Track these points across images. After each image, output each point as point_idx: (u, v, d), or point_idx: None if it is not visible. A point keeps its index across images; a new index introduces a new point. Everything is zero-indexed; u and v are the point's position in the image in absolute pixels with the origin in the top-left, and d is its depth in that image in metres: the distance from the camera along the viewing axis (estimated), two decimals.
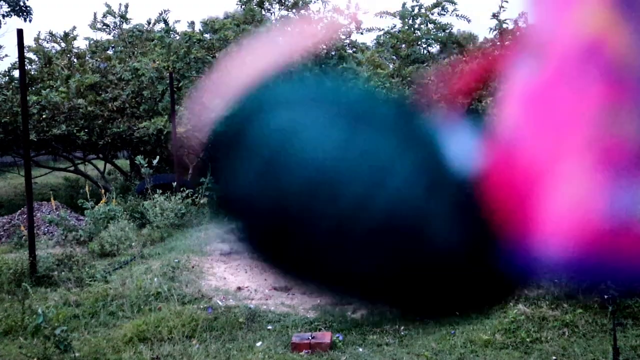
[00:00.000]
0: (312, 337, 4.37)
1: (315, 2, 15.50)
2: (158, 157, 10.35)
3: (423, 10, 12.65)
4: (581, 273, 0.33)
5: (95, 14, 14.99)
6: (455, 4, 12.46)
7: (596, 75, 0.35)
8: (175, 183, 9.49)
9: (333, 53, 12.80)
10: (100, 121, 12.08)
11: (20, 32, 6.35)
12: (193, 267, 6.24)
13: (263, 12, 12.56)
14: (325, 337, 4.41)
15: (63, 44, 14.17)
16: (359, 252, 0.71)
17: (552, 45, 0.37)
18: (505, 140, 0.41)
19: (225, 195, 1.03)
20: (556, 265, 0.35)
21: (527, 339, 4.36)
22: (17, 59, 6.88)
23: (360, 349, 4.37)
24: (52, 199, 9.47)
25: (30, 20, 16.77)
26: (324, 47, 12.82)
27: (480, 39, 14.54)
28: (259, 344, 4.48)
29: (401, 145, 0.67)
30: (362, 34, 13.26)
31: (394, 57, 13.13)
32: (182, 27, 21.61)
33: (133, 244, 7.42)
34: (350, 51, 13.17)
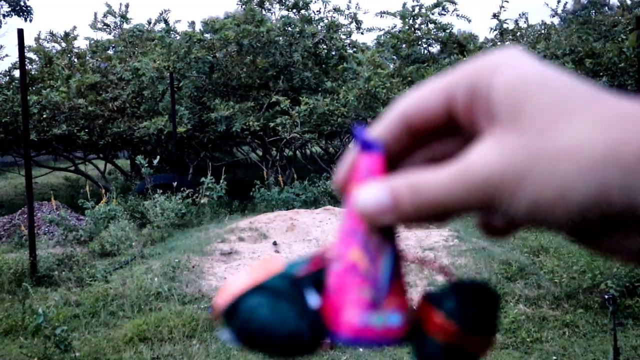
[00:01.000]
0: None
1: (315, 2, 15.49)
2: (158, 157, 10.35)
3: (423, 10, 12.65)
4: None
5: (95, 14, 15.04)
6: (455, 4, 12.46)
7: None
8: (176, 183, 9.49)
9: (333, 53, 12.80)
10: (100, 121, 12.08)
11: (20, 32, 6.35)
12: (193, 267, 6.23)
13: (263, 12, 12.55)
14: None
15: (63, 44, 14.18)
16: None
17: None
18: None
19: None
20: None
21: (528, 339, 4.35)
22: (17, 59, 6.88)
23: (361, 349, 4.37)
24: (52, 198, 9.47)
25: (30, 20, 16.79)
26: (325, 47, 12.83)
27: (481, 39, 14.55)
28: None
29: None
30: (362, 34, 13.28)
31: (394, 57, 13.14)
32: (182, 27, 21.65)
33: (133, 243, 7.42)
34: (351, 51, 13.17)
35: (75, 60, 13.93)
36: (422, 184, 0.36)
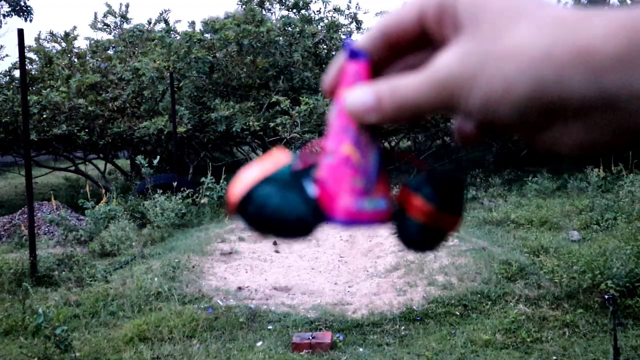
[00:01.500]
0: (313, 337, 4.37)
1: (315, 2, 15.49)
2: (158, 157, 10.35)
3: None
4: None
5: (95, 13, 15.05)
6: None
7: None
8: (176, 183, 9.49)
9: (334, 53, 12.80)
10: (100, 121, 12.08)
11: (20, 32, 6.35)
12: (193, 267, 6.23)
13: (263, 12, 12.56)
14: (326, 337, 4.41)
15: (63, 44, 14.18)
16: None
17: None
18: None
19: None
20: None
21: (528, 339, 4.35)
22: (17, 59, 6.88)
23: (361, 349, 4.37)
24: (52, 198, 9.48)
25: (30, 20, 16.78)
26: (325, 47, 12.83)
27: None
28: (259, 343, 4.48)
29: None
30: (362, 34, 13.27)
31: None
32: (182, 27, 21.66)
33: (133, 243, 7.42)
34: None
35: (76, 60, 13.93)
36: (399, 87, 0.41)
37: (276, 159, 0.46)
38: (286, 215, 0.44)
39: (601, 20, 0.34)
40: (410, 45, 0.45)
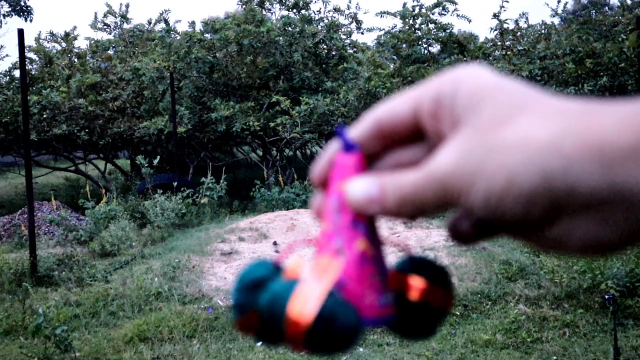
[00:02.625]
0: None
1: (315, 2, 15.49)
2: (159, 156, 10.35)
3: (424, 10, 12.65)
4: None
5: (96, 13, 15.06)
6: (456, 3, 12.45)
7: None
8: (176, 183, 9.49)
9: (334, 53, 12.80)
10: (100, 121, 12.08)
11: (21, 32, 6.35)
12: (194, 267, 6.23)
13: (264, 12, 12.56)
14: None
15: (64, 44, 14.17)
16: None
17: None
18: None
19: None
20: None
21: (528, 339, 4.35)
22: (17, 59, 6.88)
23: (361, 349, 4.37)
24: (52, 198, 9.47)
25: (31, 20, 16.79)
26: (325, 47, 12.83)
27: (481, 39, 14.54)
28: (259, 344, 4.47)
29: None
30: (362, 34, 13.29)
31: (394, 57, 13.13)
32: (182, 27, 21.65)
33: (134, 243, 7.42)
34: (351, 51, 13.17)
35: (76, 60, 13.93)
36: (403, 181, 0.40)
37: (325, 266, 0.43)
38: (355, 324, 0.41)
39: (611, 111, 0.33)
40: (403, 138, 0.44)
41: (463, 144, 0.37)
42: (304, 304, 0.40)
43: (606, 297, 4.17)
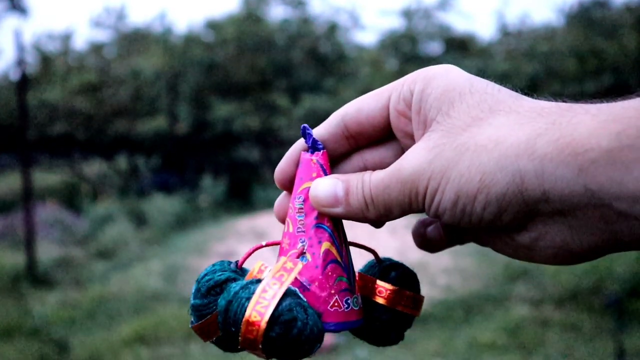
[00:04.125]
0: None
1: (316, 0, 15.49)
2: (157, 157, 10.32)
3: (425, 9, 12.62)
4: None
5: (94, 13, 14.98)
6: (457, 3, 12.43)
7: None
8: (175, 183, 9.46)
9: (334, 52, 12.78)
10: (99, 121, 12.05)
11: (18, 32, 6.32)
12: (192, 268, 6.20)
13: (263, 12, 12.53)
14: (327, 339, 4.36)
15: (61, 43, 14.14)
16: None
17: None
18: None
19: None
20: None
21: (530, 341, 4.32)
22: (15, 59, 6.84)
23: (362, 352, 4.33)
24: (50, 199, 9.44)
25: (28, 19, 16.74)
26: (325, 45, 12.81)
27: (483, 38, 14.52)
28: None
29: None
30: (363, 32, 13.27)
31: (395, 56, 13.11)
32: (181, 27, 21.65)
33: (132, 244, 7.39)
34: (351, 50, 13.14)
35: (74, 59, 13.89)
36: (367, 180, 0.39)
37: (286, 266, 0.40)
38: (314, 329, 0.38)
39: (587, 112, 0.32)
40: (371, 138, 0.42)
41: (433, 145, 0.36)
42: (261, 306, 0.37)
43: (609, 298, 4.14)
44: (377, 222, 0.42)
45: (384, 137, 0.42)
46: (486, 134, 0.34)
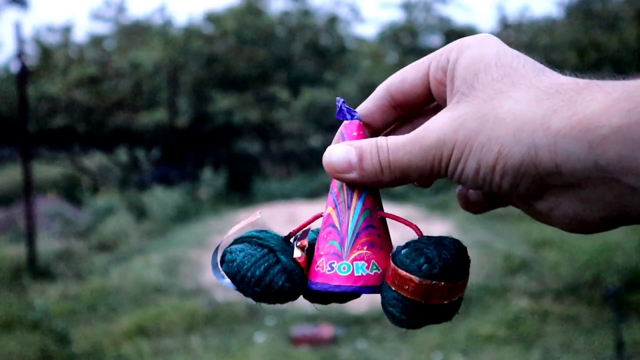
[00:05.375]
0: (313, 332, 4.34)
1: None
2: (158, 149, 10.31)
3: (425, 1, 12.58)
4: None
5: (94, 5, 14.91)
6: None
7: None
8: (175, 176, 9.45)
9: (334, 44, 12.74)
10: (99, 113, 12.03)
11: (18, 24, 6.30)
12: (193, 260, 6.20)
13: (263, 4, 12.48)
14: (326, 331, 4.38)
15: (61, 36, 14.09)
16: None
17: None
18: None
19: None
20: None
21: (530, 333, 4.33)
22: (15, 51, 6.83)
23: (362, 344, 4.34)
24: (51, 192, 9.44)
25: (28, 12, 16.68)
26: (325, 38, 12.77)
27: (484, 31, 14.44)
28: (260, 339, 4.45)
29: None
30: (363, 25, 13.24)
31: (395, 48, 13.08)
32: (181, 19, 21.57)
33: (132, 237, 7.39)
34: (352, 42, 13.10)
35: (74, 52, 13.85)
36: (385, 145, 0.39)
37: (253, 220, 0.46)
38: (247, 274, 0.43)
39: (601, 90, 0.33)
40: (417, 107, 0.44)
41: (458, 115, 0.37)
42: (225, 241, 0.45)
43: (609, 291, 4.15)
44: (392, 185, 0.42)
45: (429, 104, 0.44)
46: (506, 107, 0.35)
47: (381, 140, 0.40)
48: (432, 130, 0.38)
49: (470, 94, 0.37)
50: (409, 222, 0.45)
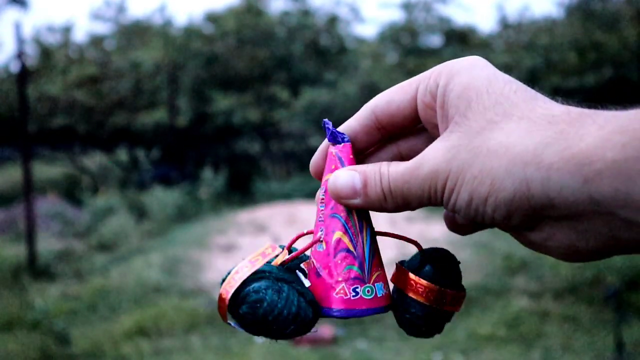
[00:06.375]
0: (314, 332, 4.33)
1: None
2: (158, 149, 10.31)
3: (425, 1, 12.58)
4: None
5: (94, 5, 14.91)
6: None
7: None
8: (175, 176, 9.45)
9: (334, 44, 12.74)
10: (99, 113, 12.03)
11: (18, 24, 6.30)
12: (193, 260, 6.20)
13: (263, 4, 12.48)
14: (327, 331, 4.38)
15: (62, 36, 14.09)
16: None
17: None
18: None
19: None
20: None
21: (530, 333, 4.33)
22: (15, 51, 6.83)
23: (362, 344, 4.34)
24: (51, 192, 9.44)
25: (28, 12, 16.68)
26: (325, 38, 12.77)
27: (483, 31, 14.46)
28: (260, 339, 4.44)
29: None
30: (363, 25, 13.24)
31: (395, 48, 13.08)
32: (181, 19, 21.57)
33: (132, 237, 7.39)
34: (352, 42, 13.10)
35: (74, 52, 13.85)
36: (387, 173, 0.40)
37: (265, 252, 0.44)
38: (283, 311, 0.41)
39: (594, 122, 0.33)
40: (402, 128, 0.44)
41: (451, 145, 0.37)
42: (229, 285, 0.42)
43: (609, 291, 4.14)
44: (394, 211, 0.43)
45: (415, 127, 0.44)
46: (498, 139, 0.35)
47: (384, 167, 0.41)
48: (428, 160, 0.38)
49: (463, 124, 0.37)
50: (409, 238, 0.47)
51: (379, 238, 0.47)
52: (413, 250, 0.48)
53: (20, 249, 6.37)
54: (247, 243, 7.03)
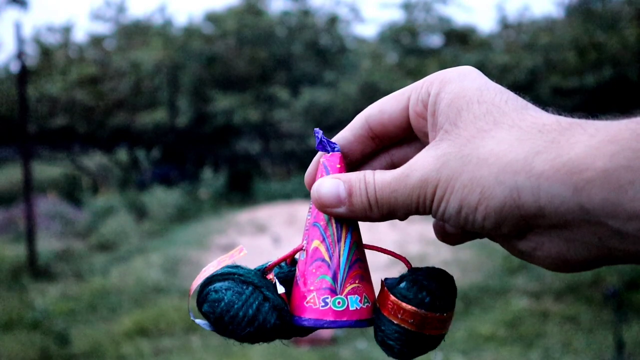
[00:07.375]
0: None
1: None
2: (158, 149, 10.31)
3: (425, 1, 12.58)
4: None
5: (94, 5, 14.92)
6: None
7: None
8: (175, 176, 9.45)
9: (334, 44, 12.74)
10: (99, 113, 12.03)
11: (18, 24, 6.30)
12: (193, 260, 6.20)
13: (263, 4, 12.49)
14: (326, 331, 4.38)
15: (62, 36, 14.09)
16: None
17: None
18: None
19: None
20: None
21: (530, 333, 4.33)
22: (15, 51, 6.83)
23: (362, 344, 4.34)
24: (51, 192, 9.43)
25: (28, 12, 16.68)
26: (325, 38, 12.77)
27: (483, 31, 14.45)
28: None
29: None
30: (363, 25, 13.24)
31: (395, 49, 13.08)
32: (181, 19, 21.58)
33: (132, 237, 7.39)
34: (352, 42, 13.10)
35: (74, 52, 13.84)
36: (372, 182, 0.40)
37: (233, 254, 0.44)
38: (239, 313, 0.41)
39: (585, 132, 0.33)
40: (395, 137, 0.44)
41: (440, 153, 0.37)
42: (195, 283, 0.43)
43: (609, 291, 4.14)
44: (379, 220, 0.42)
45: (408, 136, 0.43)
46: (488, 147, 0.35)
47: (369, 175, 0.40)
48: (416, 168, 0.38)
49: (452, 132, 0.37)
50: (398, 254, 0.46)
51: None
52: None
53: (20, 249, 6.37)
54: (247, 243, 7.03)
